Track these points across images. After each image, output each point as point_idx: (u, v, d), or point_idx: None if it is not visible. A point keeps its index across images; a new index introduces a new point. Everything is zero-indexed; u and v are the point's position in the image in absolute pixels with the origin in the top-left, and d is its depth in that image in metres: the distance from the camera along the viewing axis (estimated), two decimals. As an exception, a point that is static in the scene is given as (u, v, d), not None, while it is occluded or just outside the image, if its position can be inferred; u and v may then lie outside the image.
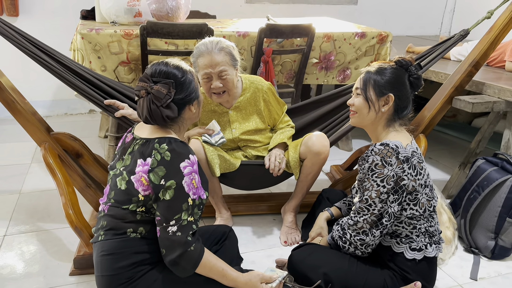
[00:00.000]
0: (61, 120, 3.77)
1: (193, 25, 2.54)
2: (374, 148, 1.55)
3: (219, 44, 1.96)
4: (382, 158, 1.53)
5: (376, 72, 1.62)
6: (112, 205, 1.41)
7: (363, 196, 1.58)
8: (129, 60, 2.64)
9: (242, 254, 1.76)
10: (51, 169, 1.90)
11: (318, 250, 1.73)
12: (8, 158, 2.99)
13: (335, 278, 1.62)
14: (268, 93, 2.16)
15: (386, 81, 1.60)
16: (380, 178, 1.53)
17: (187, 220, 1.33)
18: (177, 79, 1.40)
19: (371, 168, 1.54)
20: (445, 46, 2.27)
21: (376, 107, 1.61)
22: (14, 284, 1.79)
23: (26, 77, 3.48)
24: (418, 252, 1.60)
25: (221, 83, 1.97)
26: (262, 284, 1.44)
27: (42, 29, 3.48)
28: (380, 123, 1.64)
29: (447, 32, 4.88)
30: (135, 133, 1.47)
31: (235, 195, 2.43)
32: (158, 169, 1.33)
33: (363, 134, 3.61)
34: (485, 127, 2.52)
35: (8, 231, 2.15)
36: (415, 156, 1.58)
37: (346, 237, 1.63)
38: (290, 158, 2.11)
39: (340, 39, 2.97)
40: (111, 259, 1.37)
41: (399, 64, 1.62)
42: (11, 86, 1.94)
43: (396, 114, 1.63)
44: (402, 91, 1.61)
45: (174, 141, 1.37)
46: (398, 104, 1.61)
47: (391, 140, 1.57)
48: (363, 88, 1.63)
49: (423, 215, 1.60)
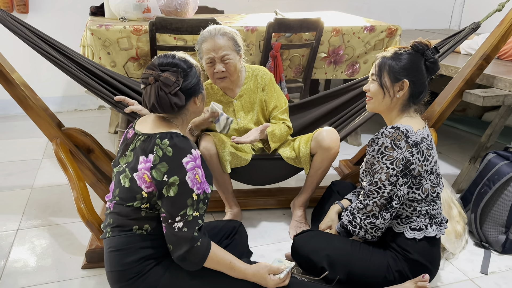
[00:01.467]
0: (71, 116, 3.81)
1: (201, 20, 2.54)
2: (385, 131, 1.57)
3: (222, 30, 2.01)
4: (392, 141, 1.54)
5: (391, 57, 1.61)
6: (117, 202, 1.41)
7: (372, 179, 1.59)
8: (138, 56, 2.65)
9: (251, 248, 1.77)
10: (62, 164, 1.92)
11: (320, 234, 1.77)
12: (20, 154, 3.03)
13: (338, 260, 1.64)
14: (268, 82, 2.16)
15: (401, 67, 1.59)
16: (389, 160, 1.54)
17: (193, 216, 1.33)
18: (184, 69, 1.40)
19: (380, 150, 1.56)
20: (455, 39, 2.25)
21: (391, 93, 1.62)
22: (27, 278, 1.82)
23: (37, 74, 3.52)
24: (418, 231, 1.62)
25: (223, 67, 1.99)
26: (270, 275, 1.45)
27: (52, 26, 3.50)
28: (395, 108, 1.65)
29: (457, 25, 4.83)
30: (137, 128, 1.46)
31: (245, 190, 2.44)
32: (160, 165, 1.32)
33: (372, 129, 3.60)
34: (496, 120, 2.50)
35: (21, 225, 2.18)
36: (424, 142, 1.59)
37: (356, 221, 1.64)
38: (301, 153, 2.11)
39: (349, 33, 2.96)
40: (119, 255, 1.38)
41: (415, 48, 1.61)
42: (22, 82, 1.96)
43: (411, 99, 1.63)
44: (417, 76, 1.60)
45: (176, 135, 1.36)
46: (413, 90, 1.61)
47: (403, 124, 1.58)
48: (378, 74, 1.63)
49: (425, 199, 1.62)
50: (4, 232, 2.12)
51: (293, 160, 2.15)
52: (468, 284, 1.87)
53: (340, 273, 1.65)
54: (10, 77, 1.90)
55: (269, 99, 2.18)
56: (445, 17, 4.85)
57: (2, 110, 3.72)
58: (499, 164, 2.11)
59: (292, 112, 2.37)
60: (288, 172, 2.24)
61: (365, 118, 2.27)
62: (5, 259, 1.93)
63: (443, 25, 4.84)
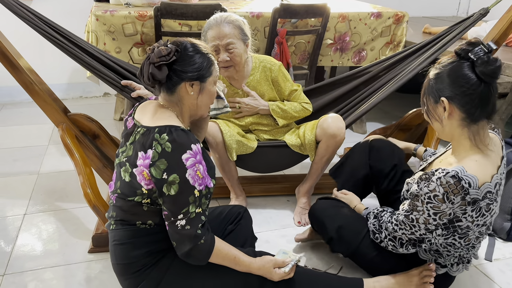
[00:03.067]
0: (76, 103, 3.81)
1: (206, 5, 2.53)
2: (442, 178, 1.30)
3: (228, 17, 1.96)
4: (446, 193, 1.30)
5: (432, 73, 1.38)
6: (119, 196, 1.39)
7: (410, 214, 1.43)
8: (143, 42, 2.64)
9: (256, 234, 1.78)
10: (68, 150, 1.93)
11: (342, 206, 1.75)
12: (26, 140, 3.04)
13: (347, 237, 1.64)
14: (277, 73, 2.12)
15: (436, 83, 1.35)
16: (434, 210, 1.35)
17: (195, 212, 1.30)
18: (186, 51, 1.35)
19: (429, 195, 1.34)
20: (463, 26, 2.22)
21: (437, 117, 1.38)
22: (34, 261, 1.84)
23: (42, 61, 3.51)
24: (441, 267, 1.55)
25: (228, 57, 1.95)
26: (275, 269, 1.44)
27: (56, 11, 3.49)
28: (455, 133, 1.38)
29: (464, 12, 4.77)
30: (136, 117, 1.42)
31: (250, 177, 2.45)
32: (159, 162, 1.27)
33: (378, 117, 3.59)
34: (503, 108, 2.48)
35: (28, 210, 2.20)
36: (486, 198, 1.34)
37: (380, 236, 1.56)
38: (306, 140, 2.11)
39: (355, 19, 2.93)
40: (124, 248, 1.38)
41: (458, 52, 1.34)
42: (28, 68, 1.96)
43: (470, 118, 1.34)
44: (457, 89, 1.31)
45: (175, 130, 1.30)
46: (463, 106, 1.32)
47: (468, 171, 1.31)
48: (422, 100, 1.43)
49: (464, 247, 1.48)
50: (11, 216, 2.14)
51: (298, 147, 2.15)
52: (472, 271, 1.87)
53: (345, 249, 1.67)
54: (16, 63, 1.90)
55: (283, 88, 2.15)
56: (452, 4, 4.79)
57: (8, 97, 3.74)
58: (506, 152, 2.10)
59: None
60: (293, 160, 2.24)
61: (371, 106, 2.25)
62: (13, 243, 1.95)
63: (450, 12, 4.78)
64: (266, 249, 1.93)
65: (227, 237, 1.63)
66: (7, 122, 3.36)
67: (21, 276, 1.76)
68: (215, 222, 1.65)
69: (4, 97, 3.74)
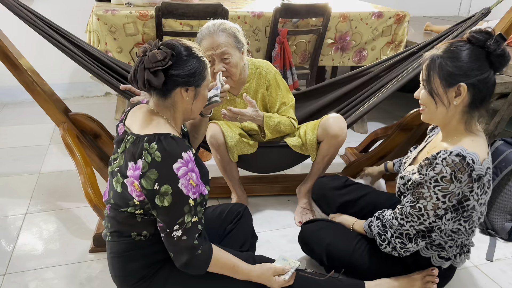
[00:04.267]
0: (77, 103, 3.82)
1: (207, 5, 2.53)
2: (448, 158, 1.29)
3: (221, 25, 1.91)
4: (453, 173, 1.29)
5: (442, 56, 1.33)
6: (112, 206, 1.36)
7: (416, 203, 1.39)
8: (144, 41, 2.64)
9: (257, 233, 1.78)
10: (70, 149, 1.94)
11: (327, 227, 1.74)
12: (27, 139, 3.05)
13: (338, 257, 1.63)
14: (272, 81, 2.08)
15: (456, 67, 1.31)
16: (443, 193, 1.33)
17: (191, 222, 1.27)
18: (180, 55, 1.29)
19: (436, 178, 1.32)
20: (465, 25, 2.22)
21: (445, 101, 1.34)
22: (35, 261, 1.84)
23: (43, 61, 3.50)
24: (446, 261, 1.53)
25: (224, 67, 1.91)
26: (275, 277, 1.42)
27: (58, 11, 3.50)
28: (455, 118, 1.37)
29: (466, 12, 4.76)
30: (127, 124, 1.37)
31: (251, 176, 2.45)
32: (149, 172, 1.22)
33: (379, 116, 3.58)
34: (504, 108, 2.48)
35: (29, 209, 2.20)
36: (488, 174, 1.35)
37: (386, 236, 1.49)
38: (308, 140, 2.11)
39: (356, 19, 2.93)
40: (121, 261, 1.37)
41: (473, 40, 1.31)
42: (30, 68, 1.97)
43: (473, 105, 1.34)
44: (478, 76, 1.30)
45: (164, 138, 1.25)
46: (475, 94, 1.32)
47: (468, 149, 1.31)
48: (426, 79, 1.36)
49: (468, 230, 1.47)
50: (12, 216, 2.15)
51: (299, 147, 2.15)
52: (474, 271, 1.87)
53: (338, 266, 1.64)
54: (17, 63, 1.90)
55: (274, 98, 2.10)
56: (454, 4, 4.79)
57: (9, 97, 3.74)
58: (506, 152, 2.10)
59: (299, 99, 2.36)
60: (294, 160, 2.24)
61: (372, 106, 2.25)
62: (14, 242, 1.95)
63: (452, 11, 4.78)
64: (267, 248, 1.95)
65: (227, 237, 1.63)
66: (9, 122, 3.37)
67: (22, 275, 1.76)
68: (216, 223, 1.65)
69: (6, 96, 3.75)
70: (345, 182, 1.92)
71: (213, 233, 1.62)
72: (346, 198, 1.85)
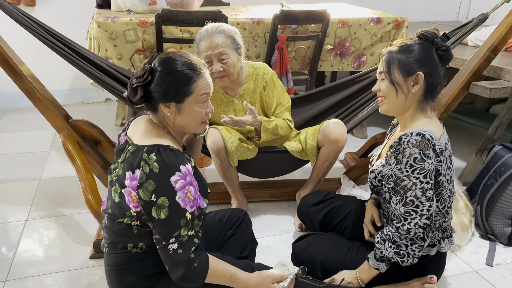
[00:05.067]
0: (78, 109, 3.83)
1: (207, 12, 2.54)
2: (411, 139, 1.38)
3: (219, 27, 1.96)
4: (421, 151, 1.37)
5: (400, 50, 1.46)
6: (109, 216, 1.36)
7: (405, 198, 1.41)
8: (144, 48, 2.66)
9: (257, 239, 1.79)
10: (70, 156, 1.94)
11: (316, 241, 1.73)
12: (28, 146, 3.06)
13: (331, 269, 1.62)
14: (269, 82, 2.11)
15: (413, 59, 1.44)
16: (422, 173, 1.37)
17: (188, 235, 1.26)
18: (161, 71, 1.28)
19: (409, 163, 1.38)
20: (463, 31, 2.23)
21: (405, 89, 1.46)
22: (35, 267, 1.84)
23: (43, 67, 3.54)
24: (432, 247, 1.55)
25: (221, 67, 1.95)
26: (274, 284, 1.42)
27: (58, 18, 3.52)
28: (411, 107, 1.49)
29: (464, 17, 4.78)
30: (128, 134, 1.37)
31: (251, 182, 2.45)
32: (147, 183, 1.22)
33: (378, 121, 3.59)
34: (503, 112, 2.48)
35: (30, 216, 2.21)
36: (447, 148, 1.46)
37: (403, 250, 1.45)
38: (308, 145, 2.11)
39: (355, 24, 2.95)
40: (118, 274, 1.36)
41: (423, 37, 1.47)
42: (30, 75, 1.98)
43: (427, 94, 1.48)
44: (432, 66, 1.45)
45: (164, 149, 1.25)
46: (429, 82, 1.46)
47: (425, 128, 1.42)
48: (387, 71, 1.48)
49: (441, 211, 1.52)
50: (13, 222, 2.15)
51: (299, 153, 2.15)
52: (474, 276, 1.87)
53: None
54: (18, 70, 1.92)
55: (270, 98, 2.13)
56: (452, 9, 4.81)
57: (10, 103, 3.76)
58: (505, 156, 2.11)
59: (299, 104, 2.37)
60: (294, 165, 2.24)
61: (372, 111, 2.26)
62: (15, 249, 1.95)
63: (450, 17, 4.80)
64: (267, 254, 1.95)
65: (227, 243, 1.63)
66: (9, 128, 3.38)
67: (23, 282, 1.76)
68: (216, 229, 1.65)
69: (6, 103, 3.76)
70: (325, 196, 1.94)
71: (213, 239, 1.62)
72: (326, 211, 1.88)
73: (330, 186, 2.42)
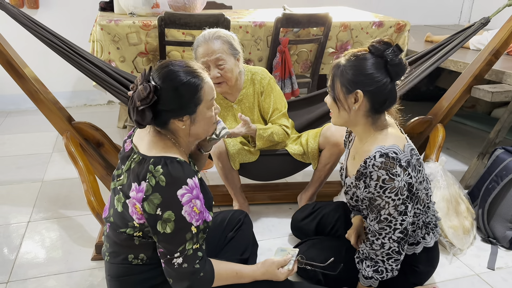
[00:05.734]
0: (80, 111, 3.84)
1: (210, 15, 2.56)
2: (375, 162, 1.37)
3: (216, 33, 1.96)
4: (387, 172, 1.36)
5: (345, 64, 1.41)
6: (111, 225, 1.35)
7: (379, 216, 1.43)
8: (147, 51, 2.67)
9: (258, 241, 1.79)
10: (73, 158, 1.95)
11: (314, 245, 1.74)
12: (30, 147, 3.07)
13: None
14: (266, 87, 2.11)
15: (353, 75, 1.39)
16: (393, 192, 1.38)
17: (192, 249, 1.25)
18: (166, 87, 1.23)
19: (379, 185, 1.38)
20: (465, 34, 2.24)
21: (346, 106, 1.43)
22: (37, 269, 1.85)
23: (47, 69, 3.55)
24: (416, 245, 1.57)
25: (218, 73, 1.95)
26: (279, 269, 1.44)
27: (61, 21, 3.54)
28: (360, 122, 1.46)
29: (466, 21, 4.79)
30: (134, 141, 1.34)
31: (252, 185, 2.45)
32: (153, 196, 1.20)
33: (380, 124, 3.59)
34: (504, 116, 2.48)
35: (32, 217, 2.22)
36: (414, 155, 1.45)
37: (380, 266, 1.48)
38: (309, 148, 2.12)
39: (357, 28, 2.95)
40: (118, 285, 1.36)
41: (373, 49, 1.39)
42: (34, 77, 1.99)
43: (373, 110, 1.43)
44: (374, 84, 1.38)
45: (171, 162, 1.22)
46: (373, 100, 1.40)
47: (385, 145, 1.39)
48: (331, 85, 1.45)
49: (422, 210, 1.54)
50: (15, 224, 2.16)
51: (300, 156, 2.16)
52: (475, 279, 1.87)
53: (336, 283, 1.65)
54: (21, 72, 1.92)
55: (267, 104, 2.13)
56: (454, 13, 4.82)
57: (13, 105, 3.78)
58: (507, 160, 2.10)
59: (300, 106, 2.38)
60: (295, 168, 2.25)
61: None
62: (17, 250, 1.96)
63: (452, 20, 4.81)
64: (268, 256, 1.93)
65: (228, 245, 1.63)
66: (12, 130, 3.39)
67: (25, 283, 1.77)
68: (217, 231, 1.65)
69: (9, 105, 3.78)
70: (313, 208, 1.97)
71: (214, 242, 1.62)
72: (317, 220, 1.91)
73: (332, 189, 2.42)
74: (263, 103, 2.14)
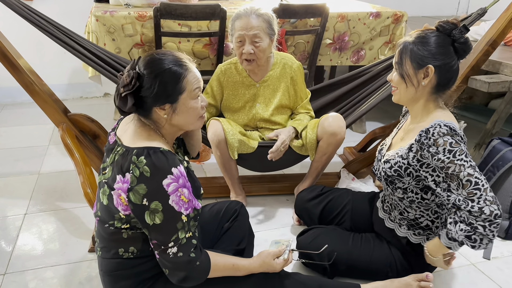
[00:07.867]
0: (76, 104, 3.83)
1: (206, 6, 2.54)
2: (440, 130, 1.38)
3: (259, 10, 1.97)
4: (452, 137, 1.37)
5: (413, 42, 1.45)
6: (100, 220, 1.33)
7: (461, 182, 1.36)
8: (143, 42, 2.65)
9: (255, 232, 1.79)
10: (69, 149, 1.95)
11: (322, 232, 1.75)
12: (27, 140, 3.06)
13: (339, 258, 1.65)
14: (297, 72, 2.16)
15: (425, 51, 1.43)
16: (463, 154, 1.36)
17: (186, 238, 1.24)
18: (149, 74, 1.23)
19: (447, 149, 1.36)
20: (461, 25, 2.23)
21: (415, 82, 1.46)
22: (35, 260, 1.85)
23: (42, 61, 3.53)
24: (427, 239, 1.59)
25: (252, 49, 1.96)
26: (275, 260, 1.44)
27: (56, 12, 3.47)
28: (422, 98, 1.50)
29: (464, 11, 4.77)
30: (118, 133, 1.34)
31: (250, 176, 2.46)
32: (138, 187, 1.19)
33: (377, 116, 3.59)
34: (501, 107, 2.49)
35: (29, 210, 2.21)
36: (464, 141, 1.44)
37: (479, 232, 1.34)
38: (308, 139, 2.12)
39: (354, 19, 2.94)
40: (111, 280, 1.35)
41: (440, 29, 1.44)
42: (29, 68, 1.98)
43: (439, 87, 1.47)
44: (444, 60, 1.43)
45: (154, 152, 1.21)
46: (440, 76, 1.45)
47: (446, 120, 1.42)
48: (399, 62, 1.48)
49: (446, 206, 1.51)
50: (12, 216, 2.16)
51: (299, 148, 2.16)
52: (471, 269, 1.88)
53: (342, 268, 1.67)
54: (16, 63, 1.91)
55: (299, 89, 2.19)
56: (452, 3, 4.80)
57: (9, 98, 3.75)
58: (503, 150, 2.11)
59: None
60: (294, 159, 2.25)
61: (371, 106, 2.26)
62: (14, 242, 1.96)
63: (450, 11, 4.79)
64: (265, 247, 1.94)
65: (224, 235, 1.64)
66: (8, 123, 3.38)
67: (22, 275, 1.77)
68: (214, 222, 1.65)
69: (5, 97, 3.76)
70: (321, 190, 1.97)
71: (210, 233, 1.63)
72: (324, 204, 1.91)
73: (329, 180, 2.42)
74: (295, 87, 2.18)
